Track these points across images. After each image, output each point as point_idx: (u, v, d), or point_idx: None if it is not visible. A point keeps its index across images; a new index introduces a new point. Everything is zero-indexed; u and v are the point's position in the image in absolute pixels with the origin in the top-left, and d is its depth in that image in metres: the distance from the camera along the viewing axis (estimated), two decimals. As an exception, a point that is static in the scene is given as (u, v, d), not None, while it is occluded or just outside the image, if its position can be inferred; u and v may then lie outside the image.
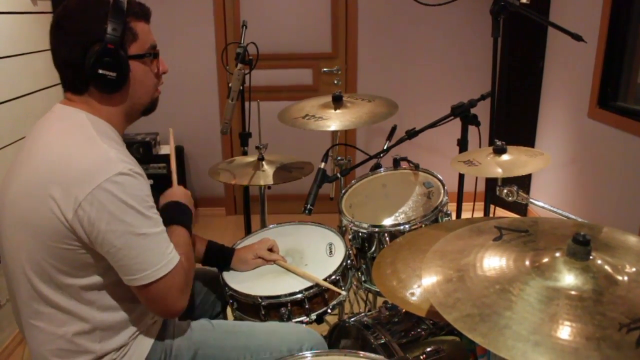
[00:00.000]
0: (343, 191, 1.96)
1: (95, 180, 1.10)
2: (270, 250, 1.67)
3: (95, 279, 1.19)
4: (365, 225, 1.74)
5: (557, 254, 0.95)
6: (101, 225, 1.11)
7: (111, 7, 1.18)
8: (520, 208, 3.71)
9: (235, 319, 1.58)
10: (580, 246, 0.92)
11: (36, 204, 1.13)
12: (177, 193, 1.43)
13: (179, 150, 3.82)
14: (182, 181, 3.83)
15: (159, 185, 3.50)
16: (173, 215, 1.36)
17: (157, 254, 1.17)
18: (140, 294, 1.19)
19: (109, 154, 1.14)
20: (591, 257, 0.92)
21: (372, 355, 1.20)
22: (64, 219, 1.11)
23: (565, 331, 0.79)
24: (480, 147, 1.91)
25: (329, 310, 1.57)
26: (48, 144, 1.18)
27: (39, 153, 1.18)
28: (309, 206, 1.65)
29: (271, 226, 1.91)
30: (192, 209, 1.44)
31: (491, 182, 2.12)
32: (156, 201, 1.25)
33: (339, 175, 1.83)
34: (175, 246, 1.24)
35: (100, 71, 1.17)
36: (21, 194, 1.17)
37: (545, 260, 0.95)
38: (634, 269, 0.92)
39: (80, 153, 1.14)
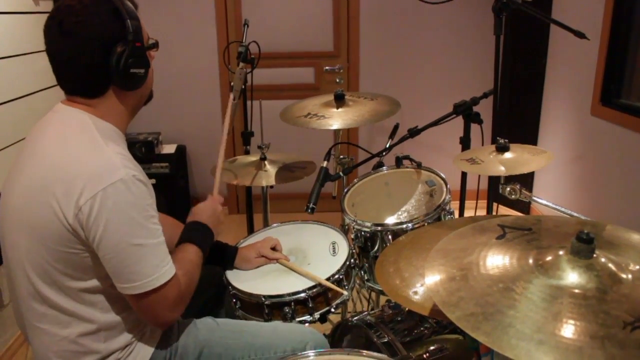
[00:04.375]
0: (345, 190, 1.96)
1: (97, 186, 1.09)
2: (274, 249, 1.67)
3: (99, 281, 1.19)
4: (368, 224, 1.74)
5: (561, 252, 0.94)
6: (98, 231, 1.10)
7: (121, 3, 1.16)
8: (523, 206, 3.71)
9: (239, 318, 1.58)
10: (584, 244, 0.91)
11: (39, 207, 1.13)
12: (205, 213, 1.43)
13: (181, 150, 3.82)
14: (184, 180, 3.83)
15: (161, 185, 3.52)
16: (189, 235, 1.36)
17: (151, 266, 1.15)
18: (130, 301, 1.19)
19: (113, 159, 1.13)
20: (595, 255, 0.92)
21: (375, 354, 1.20)
22: (66, 223, 1.11)
23: (569, 330, 0.79)
24: (482, 145, 1.90)
25: (333, 310, 1.57)
26: (51, 146, 1.17)
27: (41, 155, 1.17)
28: (311, 205, 1.65)
29: (274, 225, 1.91)
30: (217, 228, 1.44)
31: (494, 180, 2.11)
32: (159, 203, 1.24)
33: (341, 173, 1.83)
34: (178, 261, 1.24)
35: (133, 70, 1.18)
36: (24, 197, 1.16)
37: (549, 258, 0.94)
38: (637, 267, 0.91)
39: (83, 157, 1.13)
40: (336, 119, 2.01)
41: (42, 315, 1.20)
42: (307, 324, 1.52)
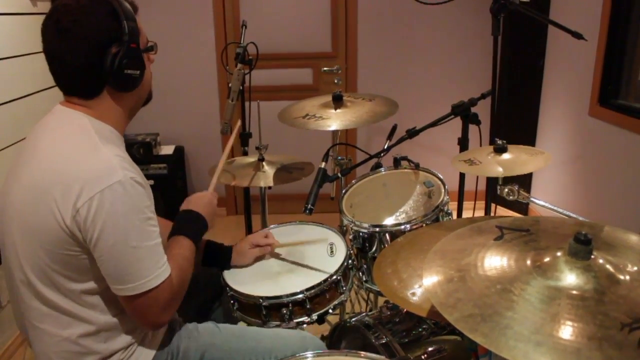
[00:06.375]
0: (344, 191, 1.96)
1: (95, 188, 1.09)
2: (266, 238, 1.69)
3: (98, 283, 1.19)
4: (366, 225, 1.74)
5: (559, 254, 0.94)
6: (95, 233, 1.10)
7: (118, 4, 1.16)
8: (521, 207, 3.71)
9: (236, 319, 1.58)
10: (582, 245, 0.91)
11: (37, 209, 1.13)
12: (201, 201, 1.43)
13: (179, 151, 3.82)
14: (182, 181, 3.83)
15: (159, 185, 3.52)
16: (183, 226, 1.36)
17: (146, 268, 1.15)
18: (123, 303, 1.19)
19: (111, 161, 1.13)
20: (593, 257, 0.92)
21: (374, 355, 1.20)
22: (63, 225, 1.11)
23: (567, 331, 0.79)
24: (480, 146, 1.91)
25: (330, 311, 1.57)
26: (50, 148, 1.17)
27: (41, 157, 1.17)
28: (309, 206, 1.65)
29: (272, 226, 1.91)
30: (212, 220, 1.44)
31: (492, 181, 2.11)
32: (157, 204, 1.24)
33: (339, 174, 1.83)
34: (172, 258, 1.23)
35: (127, 71, 1.17)
36: (22, 198, 1.16)
37: (547, 259, 0.94)
38: (635, 268, 0.91)
39: (81, 159, 1.13)
40: (334, 120, 2.01)
41: (42, 316, 1.20)
42: (305, 325, 1.52)
